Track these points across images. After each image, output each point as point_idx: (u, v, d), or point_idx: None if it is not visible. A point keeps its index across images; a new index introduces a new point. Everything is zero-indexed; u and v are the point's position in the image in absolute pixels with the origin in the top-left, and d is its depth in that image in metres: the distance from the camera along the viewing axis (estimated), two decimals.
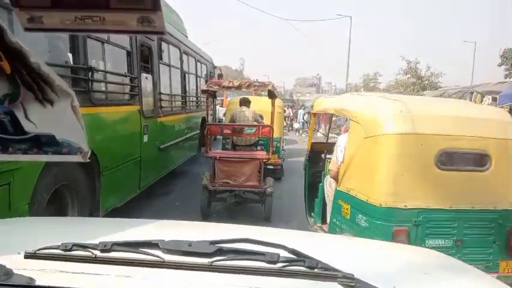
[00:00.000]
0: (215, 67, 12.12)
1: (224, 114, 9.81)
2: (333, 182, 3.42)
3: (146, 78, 5.50)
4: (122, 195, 4.63)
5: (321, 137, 6.19)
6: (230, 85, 5.23)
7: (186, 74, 7.93)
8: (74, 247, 0.86)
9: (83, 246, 0.86)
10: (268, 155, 5.28)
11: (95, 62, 4.06)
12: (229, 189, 5.08)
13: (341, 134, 4.16)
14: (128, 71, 4.83)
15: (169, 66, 6.67)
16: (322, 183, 3.88)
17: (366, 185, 2.76)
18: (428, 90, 20.16)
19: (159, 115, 5.91)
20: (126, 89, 4.93)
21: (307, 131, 10.85)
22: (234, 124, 5.84)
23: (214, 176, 5.07)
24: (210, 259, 0.83)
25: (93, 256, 0.85)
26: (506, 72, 23.76)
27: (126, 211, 4.60)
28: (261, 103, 6.96)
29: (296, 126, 21.46)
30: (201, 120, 8.91)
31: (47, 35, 3.02)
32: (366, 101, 3.32)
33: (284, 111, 11.31)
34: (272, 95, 5.31)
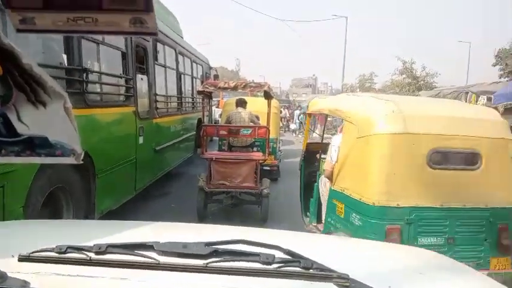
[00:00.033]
0: (211, 68, 12.11)
1: (220, 115, 9.79)
2: (327, 182, 3.45)
3: (141, 79, 5.48)
4: (117, 198, 4.61)
5: (317, 137, 6.20)
6: (226, 86, 5.21)
7: (182, 75, 7.90)
8: (68, 249, 0.86)
9: (77, 249, 0.86)
10: (264, 156, 5.26)
11: (89, 63, 4.04)
12: (225, 191, 5.05)
13: (336, 134, 4.18)
14: (123, 72, 4.81)
15: (165, 67, 6.65)
16: (317, 183, 3.89)
17: (360, 184, 2.79)
18: (424, 91, 20.26)
19: (155, 116, 5.89)
20: (121, 90, 4.91)
21: (304, 132, 10.86)
22: (230, 125, 5.82)
23: (211, 178, 5.04)
24: (206, 260, 0.83)
25: (88, 258, 0.84)
26: (501, 72, 23.99)
27: (122, 213, 4.57)
28: (257, 104, 6.95)
29: (292, 127, 21.48)
30: (196, 121, 8.88)
31: (41, 35, 3.00)
32: (359, 101, 3.35)
33: (280, 112, 11.31)
34: (268, 95, 5.31)
